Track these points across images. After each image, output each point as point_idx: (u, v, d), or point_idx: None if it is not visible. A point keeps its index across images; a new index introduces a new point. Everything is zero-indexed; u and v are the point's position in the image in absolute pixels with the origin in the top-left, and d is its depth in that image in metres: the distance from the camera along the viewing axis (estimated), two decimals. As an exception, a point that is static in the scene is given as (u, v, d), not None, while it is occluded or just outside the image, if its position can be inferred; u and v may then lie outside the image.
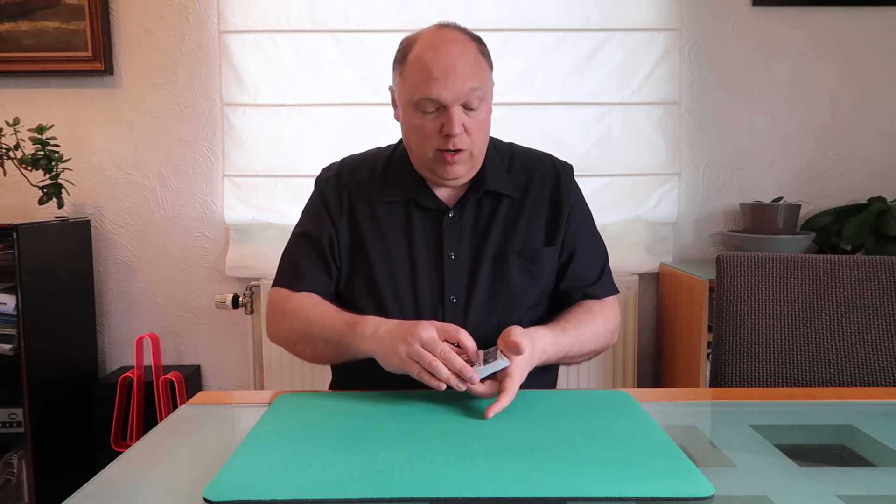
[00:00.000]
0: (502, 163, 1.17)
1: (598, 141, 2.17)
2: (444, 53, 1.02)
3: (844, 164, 2.23)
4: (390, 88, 1.14)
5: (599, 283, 1.17)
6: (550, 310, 1.16)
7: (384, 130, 2.11)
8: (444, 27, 1.08)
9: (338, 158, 1.23)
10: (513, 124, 2.12)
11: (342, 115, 2.14)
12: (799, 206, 2.09)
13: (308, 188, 2.28)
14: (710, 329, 1.88)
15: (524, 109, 2.14)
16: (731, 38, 2.18)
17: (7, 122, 1.94)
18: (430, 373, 0.87)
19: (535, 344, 0.95)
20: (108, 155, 2.19)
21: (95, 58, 2.10)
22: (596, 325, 1.11)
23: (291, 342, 1.10)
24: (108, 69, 2.13)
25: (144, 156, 2.19)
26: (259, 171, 2.16)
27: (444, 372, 0.86)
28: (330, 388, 1.22)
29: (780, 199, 2.16)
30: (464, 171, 1.08)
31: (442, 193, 1.14)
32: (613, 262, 1.23)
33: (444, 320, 1.08)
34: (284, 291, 1.13)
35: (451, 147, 1.04)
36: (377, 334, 0.94)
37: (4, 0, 2.07)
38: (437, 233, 1.12)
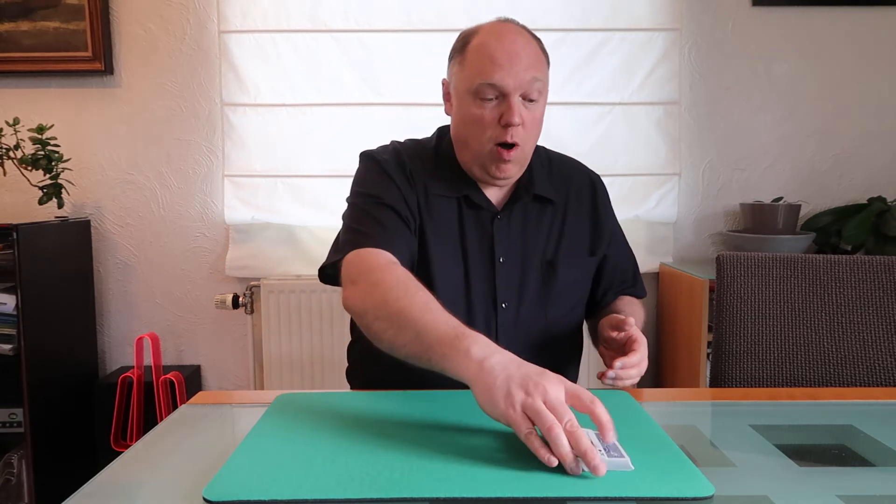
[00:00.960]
0: (542, 167, 1.16)
1: (598, 141, 2.17)
2: (509, 42, 1.01)
3: (844, 164, 2.23)
4: (443, 82, 1.12)
5: (638, 284, 1.24)
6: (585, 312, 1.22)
7: (384, 130, 2.12)
8: (506, 20, 1.07)
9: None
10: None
11: (342, 115, 2.14)
12: (799, 206, 2.09)
13: (308, 188, 2.27)
14: (710, 329, 1.88)
15: (524, 109, 2.14)
16: (731, 38, 2.18)
17: (7, 122, 1.94)
18: (541, 439, 0.69)
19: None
20: (108, 155, 2.19)
21: (95, 58, 2.10)
22: (642, 314, 1.19)
23: (372, 316, 0.91)
24: (108, 69, 2.13)
25: (144, 156, 2.19)
26: (259, 171, 2.16)
27: (566, 446, 0.67)
28: (346, 372, 1.23)
29: (780, 199, 2.16)
30: (515, 170, 1.07)
31: (491, 194, 1.11)
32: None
33: (496, 326, 1.08)
34: (380, 257, 0.97)
35: (508, 139, 1.01)
36: (487, 363, 0.74)
37: (4, 0, 2.07)
38: (487, 235, 1.10)
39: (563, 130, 2.15)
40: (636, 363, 0.93)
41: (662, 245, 2.23)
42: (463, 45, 1.05)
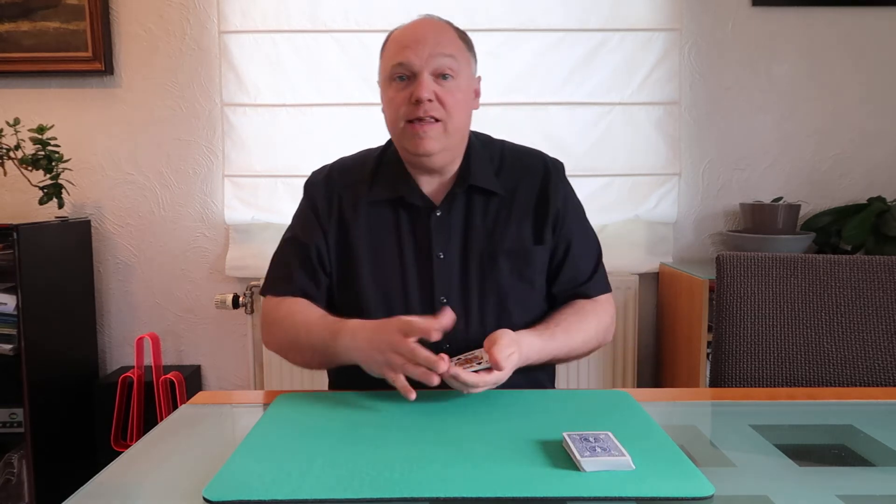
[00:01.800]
0: (491, 162, 1.15)
1: (598, 141, 2.17)
2: (419, 26, 1.07)
3: (844, 164, 2.23)
4: (378, 83, 1.14)
5: (592, 281, 1.15)
6: (548, 311, 1.14)
7: (384, 130, 2.12)
8: (425, 15, 1.11)
9: (330, 160, 1.23)
10: (512, 124, 2.12)
11: (342, 115, 2.14)
12: (799, 206, 2.09)
13: (308, 188, 2.24)
14: (710, 329, 1.88)
15: (524, 109, 2.14)
16: (731, 39, 2.18)
17: (7, 123, 1.94)
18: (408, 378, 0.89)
19: (521, 349, 0.95)
20: (108, 155, 2.19)
21: (95, 58, 2.10)
22: (587, 326, 1.10)
23: (284, 350, 1.11)
24: (108, 69, 2.13)
25: (144, 156, 2.19)
26: (259, 171, 2.16)
27: (416, 371, 0.88)
28: (329, 388, 1.22)
29: (780, 199, 2.16)
30: (437, 147, 1.05)
31: (427, 188, 1.11)
32: (613, 263, 1.23)
33: None
34: (274, 299, 1.12)
35: (420, 114, 1.03)
36: (356, 343, 0.95)
37: (4, 0, 2.07)
38: (425, 232, 1.10)
39: (563, 130, 2.15)
40: (476, 379, 0.89)
41: (662, 245, 2.23)
42: (383, 43, 1.11)
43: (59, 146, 2.00)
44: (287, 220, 2.34)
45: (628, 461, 0.69)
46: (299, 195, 1.12)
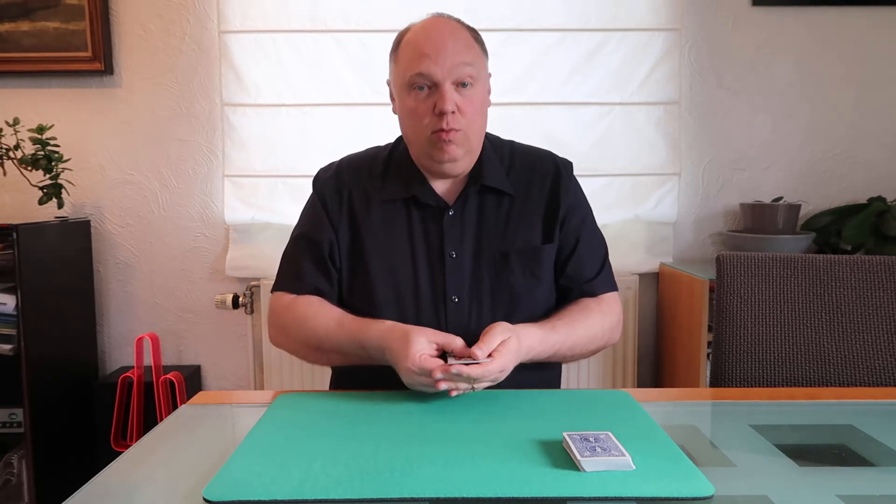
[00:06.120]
0: (501, 162, 1.16)
1: (598, 141, 2.17)
2: (435, 32, 1.05)
3: (844, 164, 2.23)
4: (388, 83, 1.14)
5: (598, 279, 1.16)
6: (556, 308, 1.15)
7: (384, 130, 2.11)
8: (438, 15, 1.10)
9: (335, 158, 1.23)
10: (512, 124, 2.12)
11: (342, 115, 2.14)
12: (799, 206, 2.09)
13: (308, 188, 2.27)
14: (710, 329, 1.88)
15: (524, 109, 2.14)
16: (731, 38, 2.18)
17: (7, 122, 1.94)
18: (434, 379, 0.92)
19: (521, 340, 0.96)
20: (108, 155, 2.19)
21: (95, 58, 2.10)
22: (592, 323, 1.10)
23: (303, 352, 1.11)
24: (108, 69, 2.13)
25: (144, 156, 2.19)
26: (259, 171, 2.16)
27: (442, 387, 0.90)
28: (330, 387, 1.22)
29: (780, 199, 2.16)
30: (460, 153, 1.07)
31: (440, 188, 1.12)
32: (613, 262, 1.22)
33: (445, 321, 1.08)
34: (287, 297, 1.12)
35: (444, 126, 1.03)
36: (386, 359, 0.97)
37: (4, 0, 2.07)
38: (437, 231, 1.11)
39: (563, 130, 2.15)
40: (480, 371, 0.90)
41: (662, 245, 2.23)
42: (396, 45, 1.10)
43: (58, 146, 2.00)
44: (287, 219, 2.34)
45: (628, 461, 0.69)
46: (300, 195, 1.14)
